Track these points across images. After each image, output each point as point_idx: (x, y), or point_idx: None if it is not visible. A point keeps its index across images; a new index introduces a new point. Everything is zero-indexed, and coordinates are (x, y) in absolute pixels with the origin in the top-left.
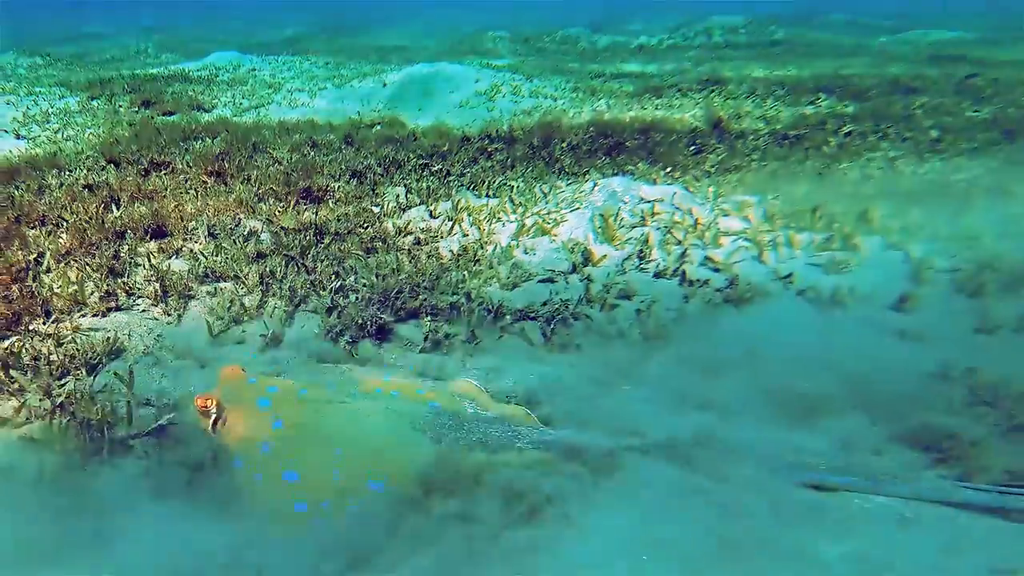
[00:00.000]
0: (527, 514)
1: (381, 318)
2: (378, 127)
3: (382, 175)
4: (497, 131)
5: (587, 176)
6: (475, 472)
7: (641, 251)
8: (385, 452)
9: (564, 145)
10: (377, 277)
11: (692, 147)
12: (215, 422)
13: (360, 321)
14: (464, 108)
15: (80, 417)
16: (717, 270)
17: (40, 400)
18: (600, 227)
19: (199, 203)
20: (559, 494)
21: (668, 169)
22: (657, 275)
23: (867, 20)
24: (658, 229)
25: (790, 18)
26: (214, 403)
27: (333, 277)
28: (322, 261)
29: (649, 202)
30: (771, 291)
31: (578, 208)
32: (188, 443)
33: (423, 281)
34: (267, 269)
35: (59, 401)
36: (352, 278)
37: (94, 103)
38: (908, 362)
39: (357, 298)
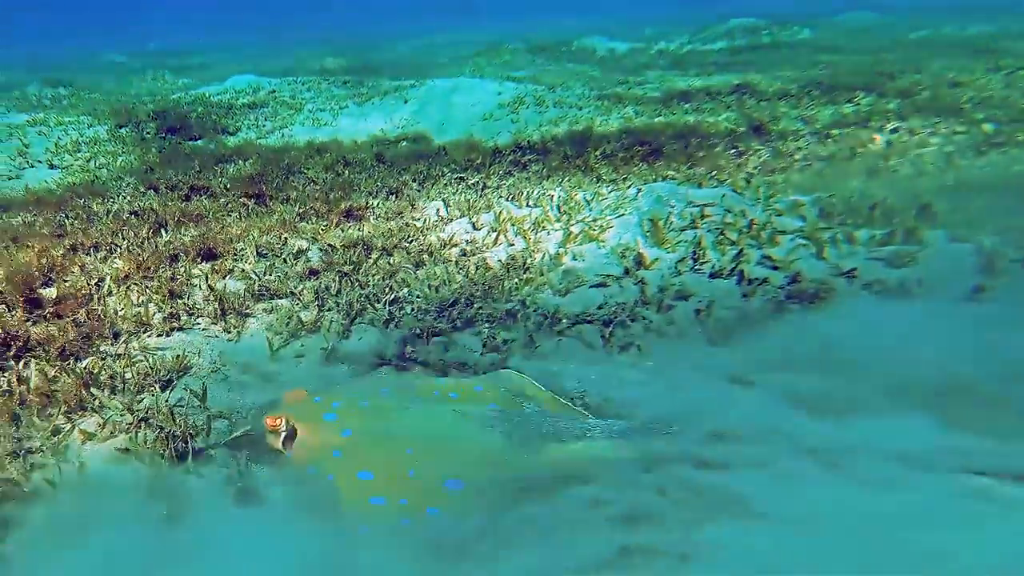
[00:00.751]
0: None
1: (438, 327)
2: (404, 143)
3: (418, 190)
4: (528, 142)
5: (628, 183)
6: (552, 467)
7: (695, 253)
8: (458, 450)
9: (598, 154)
10: (430, 288)
11: (732, 150)
12: (285, 439)
13: (418, 331)
14: (488, 121)
15: (164, 429)
16: (776, 268)
17: (121, 415)
18: (649, 231)
19: (243, 224)
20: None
21: (713, 172)
22: (713, 275)
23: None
24: (709, 231)
25: (806, 17)
26: (283, 421)
27: (387, 290)
28: (374, 275)
29: (698, 205)
30: (836, 287)
31: (623, 214)
32: (263, 454)
33: (476, 290)
34: (321, 285)
35: (140, 416)
36: (406, 290)
37: (122, 131)
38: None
39: (412, 309)
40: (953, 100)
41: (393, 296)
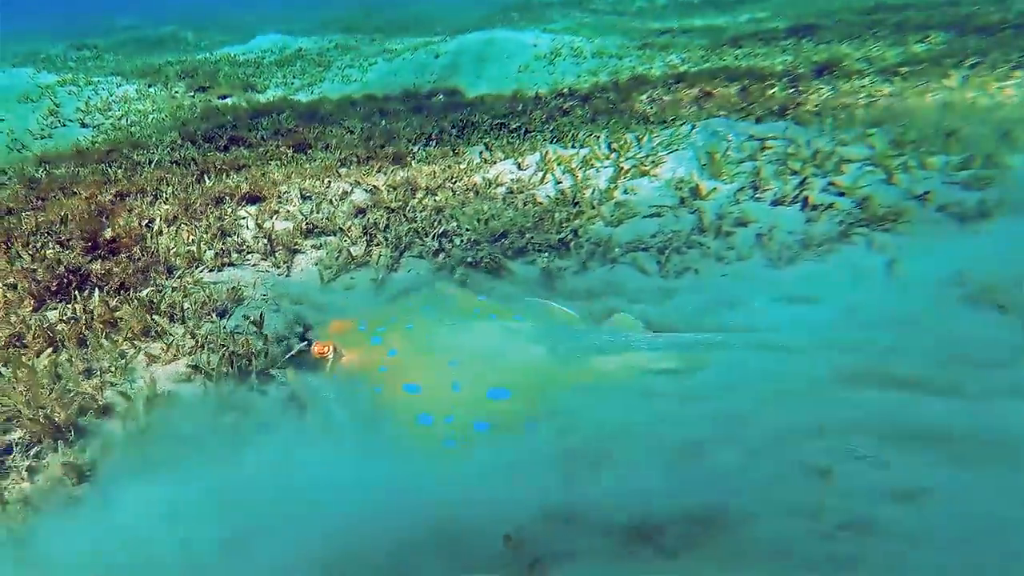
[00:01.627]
0: None
1: (491, 255)
2: (439, 97)
3: (458, 137)
4: (570, 89)
5: (676, 122)
6: (596, 378)
7: (754, 182)
8: (502, 362)
9: (644, 98)
10: (479, 222)
11: (792, 90)
12: (332, 363)
13: (469, 260)
14: (524, 73)
15: (227, 348)
16: (842, 194)
17: (183, 339)
18: (705, 163)
19: (285, 171)
20: None
21: (771, 110)
22: (775, 203)
23: None
24: (770, 163)
25: None
26: (330, 347)
27: (435, 224)
28: (420, 212)
29: (758, 139)
30: (907, 209)
31: (677, 149)
32: (316, 373)
33: (527, 223)
34: (369, 221)
35: (201, 340)
36: (454, 224)
37: (151, 90)
38: None
39: (462, 241)
40: None
41: (442, 229)
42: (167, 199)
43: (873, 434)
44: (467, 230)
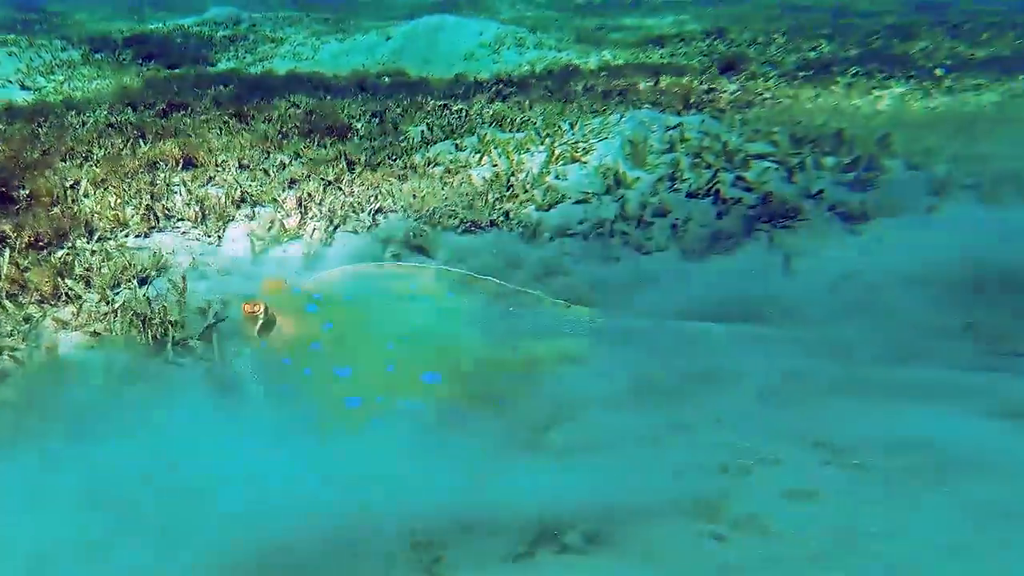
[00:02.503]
0: None
1: (424, 231)
2: (386, 79)
3: (402, 115)
4: (510, 76)
5: (607, 111)
6: (527, 364)
7: (673, 173)
8: (439, 345)
9: (579, 88)
10: (414, 198)
11: (706, 86)
12: (262, 326)
13: (402, 237)
14: (470, 60)
15: (140, 315)
16: (750, 189)
17: (97, 305)
18: (630, 153)
19: (224, 140)
20: None
21: (691, 103)
22: (690, 195)
23: None
24: (687, 155)
25: None
26: (261, 308)
27: (371, 200)
28: (357, 187)
29: (675, 127)
30: (803, 207)
31: (606, 137)
32: (239, 344)
33: (460, 201)
34: (304, 193)
35: (116, 306)
36: (390, 200)
37: (97, 56)
38: None
39: (396, 218)
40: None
41: (377, 205)
42: (97, 162)
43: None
44: (402, 207)
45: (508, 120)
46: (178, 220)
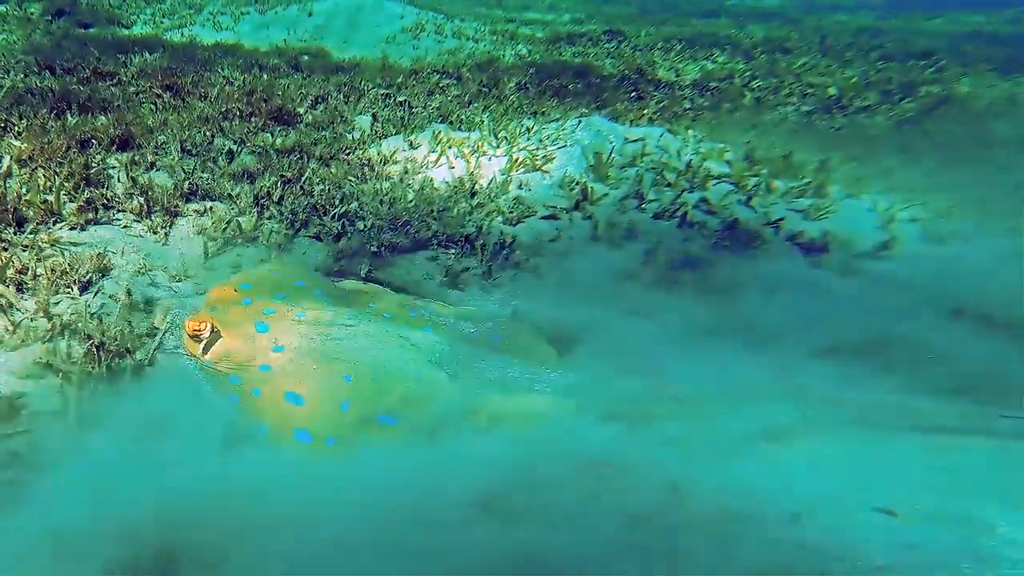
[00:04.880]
0: None
1: (397, 243)
2: (305, 57)
3: (344, 102)
4: (443, 67)
5: (559, 115)
6: (490, 421)
7: (639, 192)
8: (398, 385)
9: (512, 85)
10: (383, 204)
11: (631, 92)
12: (207, 346)
13: (374, 248)
14: (391, 44)
15: (92, 340)
16: (712, 213)
17: (34, 319)
18: (592, 165)
19: (160, 117)
20: None
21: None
22: (656, 216)
23: None
24: (649, 170)
25: None
26: (207, 326)
27: (336, 202)
28: (318, 185)
29: (635, 141)
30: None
31: (565, 145)
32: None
33: (431, 211)
34: (261, 190)
35: (59, 322)
36: (356, 204)
37: (1, 8)
38: None
39: (364, 226)
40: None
41: (343, 209)
42: (19, 133)
43: None
44: (370, 214)
45: (455, 116)
46: (118, 211)
